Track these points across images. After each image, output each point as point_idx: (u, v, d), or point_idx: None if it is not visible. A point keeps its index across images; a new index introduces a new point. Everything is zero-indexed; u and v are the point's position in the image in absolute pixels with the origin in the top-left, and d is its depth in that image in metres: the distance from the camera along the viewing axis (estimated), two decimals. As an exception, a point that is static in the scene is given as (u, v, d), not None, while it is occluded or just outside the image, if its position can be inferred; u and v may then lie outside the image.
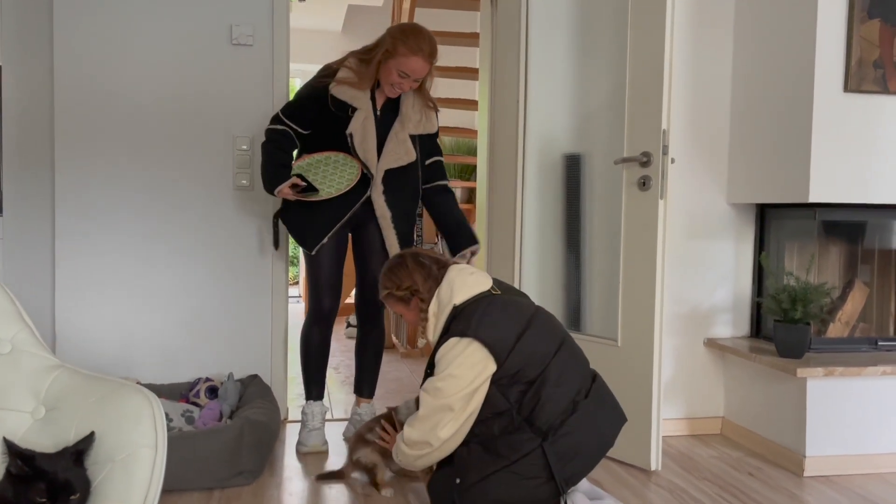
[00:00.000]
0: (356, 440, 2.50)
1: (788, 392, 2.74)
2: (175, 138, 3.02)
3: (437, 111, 2.80)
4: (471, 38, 5.18)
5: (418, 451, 2.06)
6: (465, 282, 2.13)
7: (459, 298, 2.09)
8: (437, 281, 2.17)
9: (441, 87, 6.67)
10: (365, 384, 2.94)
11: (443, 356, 2.03)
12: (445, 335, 2.07)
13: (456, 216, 2.81)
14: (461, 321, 2.05)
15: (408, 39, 2.54)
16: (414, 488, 2.46)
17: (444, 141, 7.49)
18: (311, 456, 2.76)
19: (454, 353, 2.01)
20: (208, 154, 3.05)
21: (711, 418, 3.13)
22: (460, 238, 2.77)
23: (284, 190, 2.56)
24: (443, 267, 2.21)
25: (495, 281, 2.21)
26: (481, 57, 3.51)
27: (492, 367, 2.01)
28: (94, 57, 2.94)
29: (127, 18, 2.95)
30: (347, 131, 2.61)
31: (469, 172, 7.26)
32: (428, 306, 2.15)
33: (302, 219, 2.68)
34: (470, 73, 5.11)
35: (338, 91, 2.61)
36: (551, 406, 2.01)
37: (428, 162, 2.80)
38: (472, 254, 2.78)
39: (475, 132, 4.93)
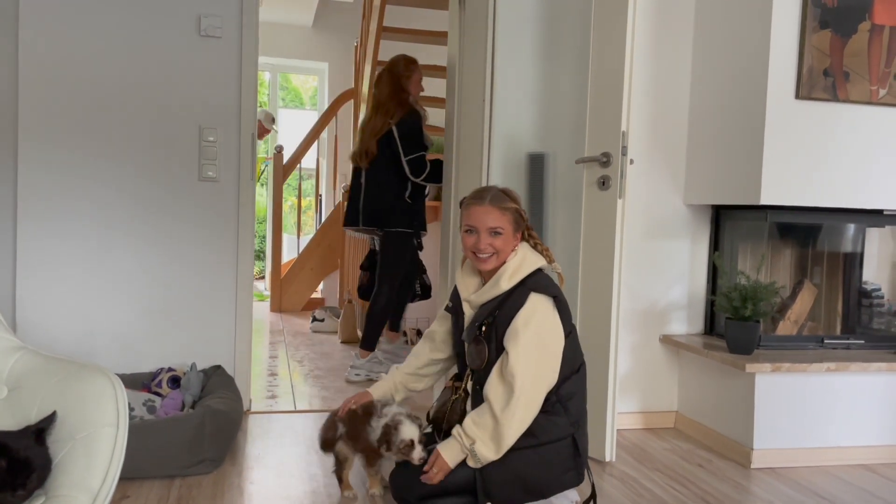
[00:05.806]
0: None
1: (738, 387, 2.84)
2: (141, 128, 3.02)
3: None
4: (439, 37, 5.22)
5: (531, 413, 2.03)
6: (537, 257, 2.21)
7: (541, 264, 2.17)
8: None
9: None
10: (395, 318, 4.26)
11: (533, 313, 2.05)
12: (519, 287, 2.10)
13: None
14: (544, 281, 2.13)
15: (406, 61, 3.95)
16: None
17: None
18: (285, 438, 2.79)
19: (543, 310, 2.07)
20: (175, 145, 3.05)
21: (666, 412, 3.22)
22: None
23: None
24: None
25: None
26: (449, 56, 3.56)
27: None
28: (60, 45, 2.92)
29: (94, 7, 2.94)
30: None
31: (437, 170, 7.25)
32: (517, 250, 2.17)
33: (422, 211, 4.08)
34: (438, 71, 5.15)
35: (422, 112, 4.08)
36: (581, 404, 2.15)
37: None
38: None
39: (443, 130, 4.97)
